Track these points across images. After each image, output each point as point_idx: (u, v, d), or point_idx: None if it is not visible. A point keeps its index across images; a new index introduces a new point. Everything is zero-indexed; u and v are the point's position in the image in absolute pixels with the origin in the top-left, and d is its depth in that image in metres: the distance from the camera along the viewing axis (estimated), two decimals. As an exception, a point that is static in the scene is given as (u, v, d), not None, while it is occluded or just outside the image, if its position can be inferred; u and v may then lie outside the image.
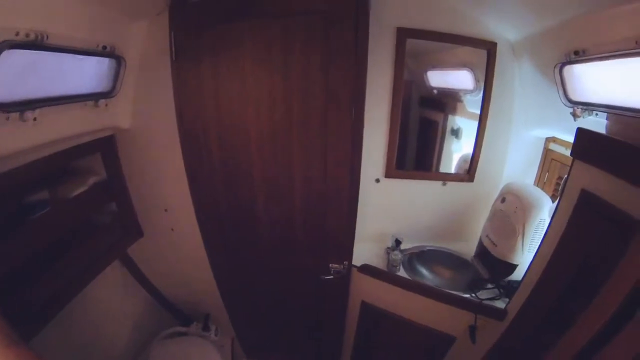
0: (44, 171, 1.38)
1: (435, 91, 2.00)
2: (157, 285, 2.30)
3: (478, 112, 1.88)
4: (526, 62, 1.68)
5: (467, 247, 2.10)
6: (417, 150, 2.12)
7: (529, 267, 1.46)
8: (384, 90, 1.82)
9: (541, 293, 1.34)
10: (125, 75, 1.55)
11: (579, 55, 1.21)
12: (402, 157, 2.00)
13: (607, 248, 1.06)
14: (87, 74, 1.37)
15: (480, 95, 1.85)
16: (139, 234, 2.01)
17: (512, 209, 1.73)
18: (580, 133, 1.24)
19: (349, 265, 1.83)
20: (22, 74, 1.08)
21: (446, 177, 2.08)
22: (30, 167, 1.28)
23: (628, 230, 0.94)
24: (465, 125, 2.00)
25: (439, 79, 1.99)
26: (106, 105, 1.53)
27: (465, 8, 1.66)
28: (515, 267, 1.72)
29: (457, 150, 2.08)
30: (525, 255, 1.67)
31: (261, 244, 1.86)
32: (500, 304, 1.62)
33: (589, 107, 1.27)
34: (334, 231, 1.72)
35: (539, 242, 1.45)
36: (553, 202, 1.63)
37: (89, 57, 1.33)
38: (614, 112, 1.15)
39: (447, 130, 2.06)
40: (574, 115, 1.33)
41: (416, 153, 2.12)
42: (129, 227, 1.94)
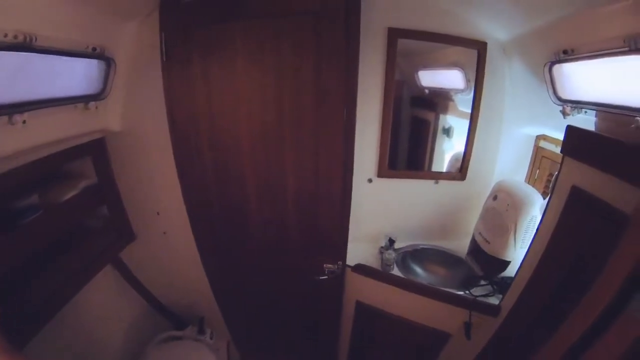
0: (34, 175, 1.35)
1: (426, 91, 2.02)
2: (150, 290, 2.27)
3: (469, 111, 1.90)
4: (516, 61, 1.71)
5: (460, 245, 2.12)
6: (409, 149, 2.13)
7: (521, 264, 1.48)
8: (375, 90, 1.83)
9: (534, 289, 1.36)
10: (116, 76, 1.53)
11: (568, 54, 1.23)
12: (394, 157, 2.01)
13: (598, 243, 1.08)
14: (76, 76, 1.35)
15: (471, 95, 1.87)
16: (132, 237, 1.98)
17: (503, 207, 1.75)
18: (570, 130, 1.25)
19: (343, 265, 1.83)
20: (11, 77, 1.06)
21: (438, 176, 2.09)
22: (19, 171, 1.26)
23: (618, 225, 0.96)
24: (456, 124, 2.02)
25: (430, 78, 2.01)
26: (96, 107, 1.51)
27: (456, 8, 1.68)
28: (508, 263, 1.74)
29: (449, 149, 2.10)
30: (517, 252, 1.69)
31: (254, 245, 1.86)
32: (494, 301, 1.63)
33: (578, 105, 1.29)
34: (328, 231, 1.72)
35: (531, 239, 1.47)
36: (544, 198, 1.65)
37: (78, 58, 1.31)
38: (603, 109, 1.18)
39: (439, 130, 2.08)
40: (564, 113, 1.35)
41: (408, 152, 2.14)
42: (121, 231, 1.91)
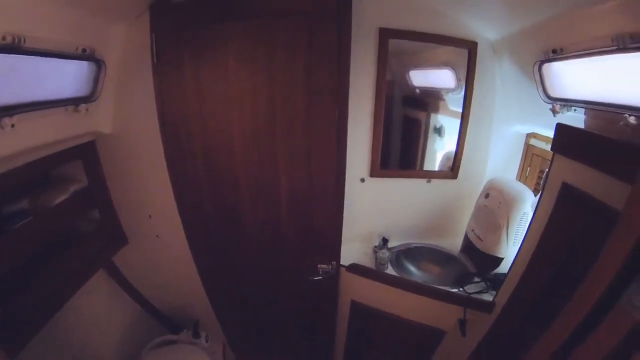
0: (24, 179, 1.34)
1: (417, 90, 2.03)
2: (144, 293, 2.24)
3: (460, 110, 1.92)
4: (506, 60, 1.73)
5: (454, 243, 2.13)
6: (401, 149, 2.14)
7: (514, 260, 1.50)
8: (367, 90, 1.84)
9: (527, 284, 1.37)
10: (106, 78, 1.52)
11: (557, 54, 1.26)
12: (386, 156, 2.01)
13: (589, 239, 1.09)
14: (66, 77, 1.34)
15: (462, 94, 1.88)
16: (124, 241, 1.96)
17: (495, 204, 1.78)
18: (560, 128, 1.27)
19: (337, 265, 1.83)
20: (-1, 79, 1.04)
21: (430, 175, 2.10)
22: (8, 176, 1.23)
23: (609, 221, 0.97)
24: (447, 123, 2.03)
25: (421, 78, 2.02)
26: (86, 110, 1.49)
27: (446, 8, 1.69)
28: (501, 260, 1.76)
29: (441, 148, 2.11)
30: (510, 249, 1.71)
31: (248, 246, 1.85)
32: (488, 297, 1.65)
33: (568, 103, 1.32)
34: (321, 231, 1.73)
35: (523, 235, 1.49)
36: (535, 195, 1.68)
37: (68, 60, 1.29)
38: (592, 107, 1.20)
39: (430, 129, 2.09)
40: (553, 111, 1.37)
41: (400, 152, 2.14)
42: (113, 235, 1.89)
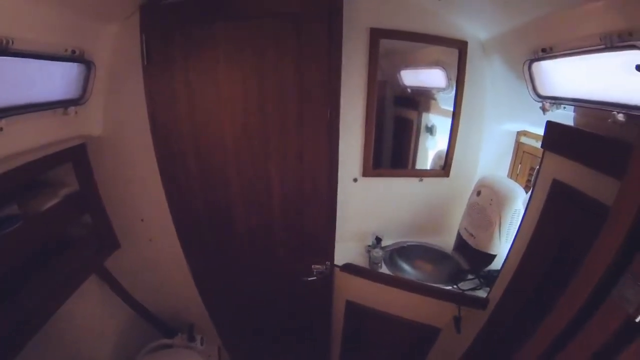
0: (13, 184, 1.30)
1: (408, 90, 2.04)
2: (138, 298, 2.22)
3: (451, 109, 1.94)
4: (496, 59, 1.75)
5: (446, 241, 2.15)
6: (393, 148, 2.15)
7: (507, 256, 1.52)
8: (358, 90, 1.84)
9: (520, 280, 1.39)
10: (96, 80, 1.50)
11: (547, 52, 1.27)
12: (378, 156, 2.02)
13: (580, 234, 1.11)
14: (55, 80, 1.31)
15: (453, 93, 1.90)
16: (116, 245, 1.92)
17: (487, 201, 1.80)
18: (550, 126, 1.29)
19: (331, 265, 1.84)
20: (-14, 82, 1.03)
21: (422, 174, 2.12)
22: (-3, 180, 1.21)
23: (599, 216, 0.99)
24: (439, 122, 2.05)
25: (413, 78, 2.03)
26: (76, 112, 1.47)
27: (437, 8, 1.71)
28: (494, 257, 1.78)
29: (432, 147, 2.13)
30: (502, 245, 1.74)
31: (241, 248, 1.84)
32: (482, 294, 1.67)
33: (557, 101, 1.33)
34: (315, 232, 1.73)
35: (515, 232, 1.51)
36: (526, 192, 1.70)
37: (57, 62, 1.27)
38: (581, 105, 1.22)
39: (422, 128, 2.10)
40: (543, 109, 1.39)
41: (392, 151, 2.15)
42: (104, 239, 1.86)
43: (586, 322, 0.87)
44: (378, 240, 2.02)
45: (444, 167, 2.07)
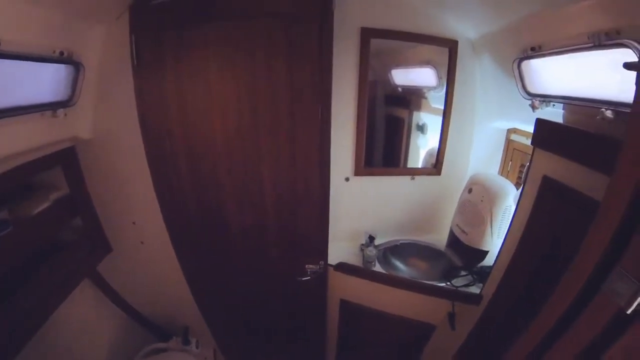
0: (2, 189, 1.29)
1: (399, 89, 2.05)
2: (131, 302, 2.20)
3: (442, 107, 1.95)
4: (486, 58, 1.77)
5: (439, 238, 2.17)
6: (384, 147, 2.16)
7: (499, 252, 1.54)
8: (349, 89, 1.84)
9: (513, 276, 1.41)
10: (85, 82, 1.47)
11: (536, 51, 1.29)
12: (370, 155, 2.03)
13: (570, 230, 1.13)
14: (43, 81, 1.29)
15: (444, 91, 1.91)
16: (108, 249, 1.91)
17: (479, 198, 1.81)
18: (539, 123, 1.31)
19: (325, 264, 1.84)
20: (-27, 85, 1.01)
21: (414, 172, 2.13)
22: (-14, 186, 1.19)
23: (589, 212, 1.00)
24: (430, 120, 2.06)
25: (403, 77, 2.04)
26: (65, 114, 1.44)
27: (427, 8, 1.72)
28: (487, 253, 1.80)
29: (424, 145, 2.14)
30: (494, 242, 1.75)
31: (234, 248, 1.84)
32: (475, 290, 1.68)
33: (547, 98, 1.36)
34: (308, 231, 1.73)
35: (507, 228, 1.52)
36: (517, 189, 1.72)
37: (45, 63, 1.25)
38: (570, 102, 1.24)
39: (413, 126, 2.12)
40: (533, 107, 1.41)
41: (384, 150, 2.16)
42: (96, 243, 1.84)
43: (577, 317, 0.89)
44: (371, 239, 2.02)
45: (436, 165, 2.09)
